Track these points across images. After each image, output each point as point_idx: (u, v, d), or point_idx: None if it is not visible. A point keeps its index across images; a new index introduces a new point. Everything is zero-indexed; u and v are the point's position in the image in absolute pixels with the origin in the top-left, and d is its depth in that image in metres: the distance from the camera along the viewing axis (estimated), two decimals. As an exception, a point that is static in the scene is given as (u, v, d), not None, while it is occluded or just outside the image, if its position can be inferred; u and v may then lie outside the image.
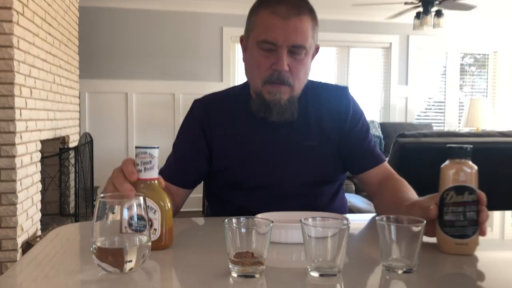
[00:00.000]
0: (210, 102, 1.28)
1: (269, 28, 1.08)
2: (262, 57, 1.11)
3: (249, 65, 1.18)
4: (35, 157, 2.77)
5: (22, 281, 0.69)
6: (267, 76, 1.11)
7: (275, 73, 1.10)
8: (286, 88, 1.12)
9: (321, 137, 1.21)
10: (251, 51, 1.14)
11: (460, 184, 0.81)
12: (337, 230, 0.68)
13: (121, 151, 4.67)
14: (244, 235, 0.69)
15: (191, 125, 1.26)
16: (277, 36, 1.07)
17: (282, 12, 1.07)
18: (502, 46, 5.47)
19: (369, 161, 1.22)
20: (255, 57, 1.13)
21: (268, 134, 1.20)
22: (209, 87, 4.68)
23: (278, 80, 1.10)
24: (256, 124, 1.19)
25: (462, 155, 0.82)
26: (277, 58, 1.09)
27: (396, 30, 5.17)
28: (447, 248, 0.82)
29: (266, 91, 1.13)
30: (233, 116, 1.23)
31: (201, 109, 1.26)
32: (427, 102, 5.55)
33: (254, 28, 1.13)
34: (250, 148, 1.20)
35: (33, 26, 2.70)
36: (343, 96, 1.26)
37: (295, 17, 1.08)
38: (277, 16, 1.08)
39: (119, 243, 0.70)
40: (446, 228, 0.82)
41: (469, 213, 0.81)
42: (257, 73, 1.13)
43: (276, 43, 1.08)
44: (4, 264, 2.46)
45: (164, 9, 4.66)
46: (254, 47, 1.12)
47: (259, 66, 1.12)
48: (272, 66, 1.10)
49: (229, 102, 1.26)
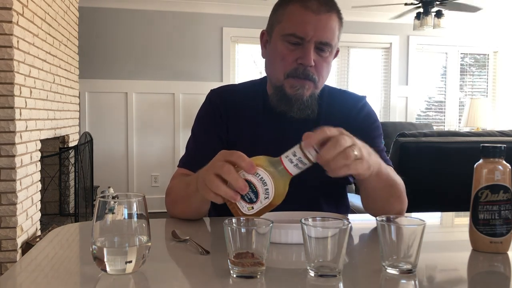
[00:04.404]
0: (227, 92, 1.26)
1: (299, 22, 1.06)
2: (288, 50, 1.09)
3: (271, 58, 1.15)
4: (35, 156, 2.77)
5: (22, 281, 0.69)
6: (291, 70, 1.09)
7: (300, 67, 1.08)
8: (310, 84, 1.11)
9: None
10: (275, 44, 1.12)
11: (495, 183, 0.81)
12: (337, 230, 0.68)
13: (121, 151, 4.67)
14: (244, 235, 0.68)
15: (209, 112, 1.23)
16: (307, 30, 1.06)
17: (314, 7, 1.06)
18: (502, 46, 5.47)
19: None
20: (279, 50, 1.10)
21: (280, 132, 1.18)
22: (209, 87, 4.66)
23: (303, 74, 1.09)
24: (269, 121, 1.18)
25: (497, 154, 0.82)
26: (303, 53, 1.07)
27: (396, 30, 5.17)
28: (482, 247, 0.83)
29: (288, 85, 1.11)
30: (247, 109, 1.21)
31: (218, 98, 1.24)
32: (427, 102, 5.55)
33: (281, 21, 1.11)
34: (260, 145, 1.18)
35: (33, 27, 2.70)
36: (358, 102, 1.24)
37: (326, 13, 1.07)
38: (308, 10, 1.06)
39: (119, 243, 0.70)
40: (480, 227, 0.83)
41: (503, 212, 0.82)
42: (281, 66, 1.11)
43: (305, 38, 1.06)
44: (4, 264, 2.45)
45: (164, 9, 4.66)
46: (279, 40, 1.10)
47: (284, 59, 1.10)
48: (298, 60, 1.08)
49: (245, 95, 1.24)
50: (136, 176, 4.68)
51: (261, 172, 0.75)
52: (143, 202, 0.71)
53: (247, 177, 0.75)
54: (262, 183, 0.75)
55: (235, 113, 1.21)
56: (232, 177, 0.75)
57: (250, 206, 0.77)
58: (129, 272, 0.68)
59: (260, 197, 0.76)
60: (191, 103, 4.72)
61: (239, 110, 1.21)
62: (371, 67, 5.31)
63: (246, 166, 0.75)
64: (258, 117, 1.20)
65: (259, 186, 0.75)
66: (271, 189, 0.75)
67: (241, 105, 1.22)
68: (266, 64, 1.20)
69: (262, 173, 0.75)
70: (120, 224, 0.72)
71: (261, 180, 0.75)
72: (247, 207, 0.77)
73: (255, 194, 0.76)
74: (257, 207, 0.77)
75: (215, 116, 1.21)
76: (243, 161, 0.75)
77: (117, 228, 0.72)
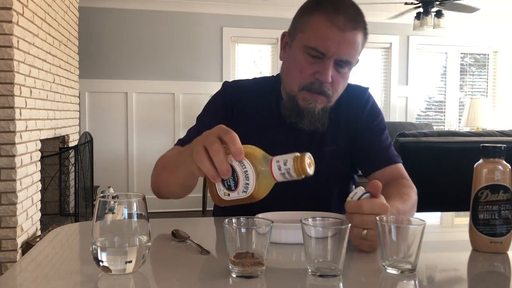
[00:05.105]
0: (242, 87, 1.25)
1: (323, 37, 1.04)
2: (307, 63, 1.07)
3: (289, 66, 1.13)
4: (35, 156, 2.77)
5: (22, 281, 0.69)
6: (307, 83, 1.08)
7: (317, 82, 1.07)
8: (323, 99, 1.09)
9: (339, 140, 1.20)
10: (295, 53, 1.10)
11: (495, 183, 0.81)
12: (337, 230, 0.68)
13: (121, 151, 4.67)
14: (244, 236, 0.68)
15: (221, 100, 1.22)
16: (330, 47, 1.03)
17: (339, 23, 1.03)
18: (502, 46, 5.47)
19: (380, 161, 1.18)
20: (298, 61, 1.08)
21: (287, 138, 1.17)
22: (209, 87, 4.68)
23: (318, 89, 1.07)
24: (278, 126, 1.17)
25: (497, 154, 0.83)
26: (322, 68, 1.05)
27: (396, 30, 5.17)
28: (481, 247, 0.83)
29: (301, 97, 1.10)
30: (259, 109, 1.20)
31: (233, 90, 1.23)
32: (427, 102, 5.55)
33: (304, 31, 1.08)
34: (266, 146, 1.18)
35: (33, 27, 2.70)
36: (361, 95, 1.24)
37: (352, 30, 1.04)
38: (334, 26, 1.03)
39: (119, 243, 0.70)
40: (480, 227, 0.83)
41: (503, 212, 0.82)
42: (297, 78, 1.09)
43: (326, 54, 1.04)
44: (4, 264, 2.45)
45: (164, 9, 4.66)
46: (300, 50, 1.08)
47: (301, 71, 1.08)
48: (315, 74, 1.06)
49: (259, 94, 1.23)
50: (136, 176, 4.68)
51: (247, 164, 0.72)
52: (143, 202, 0.71)
53: (233, 164, 0.72)
54: (245, 176, 0.72)
55: (247, 110, 1.20)
56: (218, 158, 0.71)
57: (227, 192, 0.74)
58: (129, 272, 0.68)
59: (238, 188, 0.73)
60: (191, 103, 4.72)
61: (251, 107, 1.20)
62: (371, 67, 5.31)
63: (234, 151, 0.71)
64: (269, 119, 1.19)
65: (241, 178, 0.72)
66: (251, 186, 0.72)
67: (254, 103, 1.21)
68: (283, 67, 1.18)
69: (248, 167, 0.72)
70: (120, 224, 0.72)
71: (244, 173, 0.72)
72: (223, 191, 0.74)
73: (235, 183, 0.73)
74: (233, 196, 0.74)
75: (226, 107, 1.20)
76: (234, 145, 0.71)
77: (117, 228, 0.72)
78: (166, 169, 1.03)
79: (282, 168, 0.71)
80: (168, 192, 1.06)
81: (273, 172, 0.72)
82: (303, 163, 0.70)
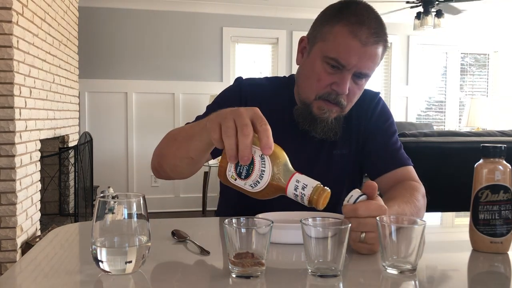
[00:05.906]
0: (257, 86, 1.23)
1: (344, 49, 1.03)
2: (325, 73, 1.06)
3: (307, 73, 1.12)
4: (35, 156, 2.77)
5: (22, 281, 0.69)
6: (324, 93, 1.07)
7: (333, 92, 1.06)
8: (338, 109, 1.09)
9: (349, 144, 1.19)
10: (314, 61, 1.08)
11: (495, 183, 0.81)
12: (337, 231, 0.68)
13: (121, 151, 4.67)
14: (244, 236, 0.68)
15: (237, 94, 1.20)
16: (350, 60, 1.03)
17: (362, 37, 1.02)
18: (502, 46, 5.47)
19: (389, 163, 1.17)
20: (317, 69, 1.07)
21: (300, 139, 1.16)
22: (209, 87, 4.69)
23: (334, 100, 1.07)
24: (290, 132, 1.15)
25: (497, 154, 0.82)
26: (340, 79, 1.05)
27: (396, 30, 5.16)
28: (482, 247, 0.83)
29: (316, 106, 1.09)
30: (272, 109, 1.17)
31: (249, 87, 1.21)
32: (427, 101, 5.55)
33: (325, 40, 1.06)
34: None
35: (33, 26, 2.70)
36: (372, 99, 1.23)
37: (373, 44, 1.03)
38: (356, 39, 1.02)
39: (119, 244, 0.70)
40: (480, 227, 0.83)
41: (504, 212, 0.82)
42: (314, 87, 1.08)
43: (346, 67, 1.03)
44: (3, 264, 2.45)
45: (164, 9, 4.65)
46: (319, 59, 1.07)
47: (319, 81, 1.07)
48: (333, 85, 1.06)
49: (272, 94, 1.21)
50: (136, 176, 4.68)
51: (267, 163, 0.70)
52: (143, 202, 0.71)
53: (254, 155, 0.70)
54: (260, 173, 0.71)
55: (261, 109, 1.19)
56: (244, 143, 0.69)
57: (235, 177, 0.72)
58: (129, 272, 0.68)
59: (247, 181, 0.71)
60: (191, 103, 4.72)
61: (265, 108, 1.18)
62: (371, 67, 5.31)
63: (265, 144, 0.69)
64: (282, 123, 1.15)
65: (255, 173, 0.71)
66: (261, 186, 0.71)
67: (267, 104, 1.17)
68: (299, 72, 1.17)
69: (267, 166, 0.70)
70: (120, 224, 0.72)
71: (261, 171, 0.71)
72: (232, 173, 0.72)
73: (246, 174, 0.71)
74: (239, 184, 0.73)
75: (241, 103, 1.18)
76: (267, 138, 0.69)
77: (117, 228, 0.72)
78: (178, 140, 0.98)
79: (298, 189, 0.71)
80: (172, 166, 1.00)
81: (288, 187, 0.71)
82: (319, 198, 0.70)
